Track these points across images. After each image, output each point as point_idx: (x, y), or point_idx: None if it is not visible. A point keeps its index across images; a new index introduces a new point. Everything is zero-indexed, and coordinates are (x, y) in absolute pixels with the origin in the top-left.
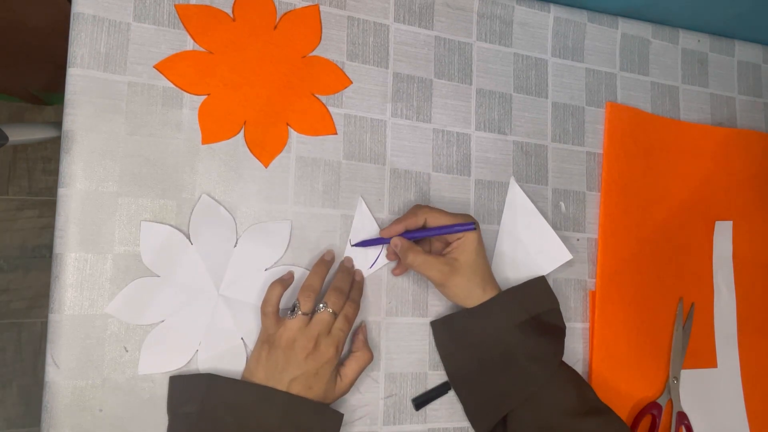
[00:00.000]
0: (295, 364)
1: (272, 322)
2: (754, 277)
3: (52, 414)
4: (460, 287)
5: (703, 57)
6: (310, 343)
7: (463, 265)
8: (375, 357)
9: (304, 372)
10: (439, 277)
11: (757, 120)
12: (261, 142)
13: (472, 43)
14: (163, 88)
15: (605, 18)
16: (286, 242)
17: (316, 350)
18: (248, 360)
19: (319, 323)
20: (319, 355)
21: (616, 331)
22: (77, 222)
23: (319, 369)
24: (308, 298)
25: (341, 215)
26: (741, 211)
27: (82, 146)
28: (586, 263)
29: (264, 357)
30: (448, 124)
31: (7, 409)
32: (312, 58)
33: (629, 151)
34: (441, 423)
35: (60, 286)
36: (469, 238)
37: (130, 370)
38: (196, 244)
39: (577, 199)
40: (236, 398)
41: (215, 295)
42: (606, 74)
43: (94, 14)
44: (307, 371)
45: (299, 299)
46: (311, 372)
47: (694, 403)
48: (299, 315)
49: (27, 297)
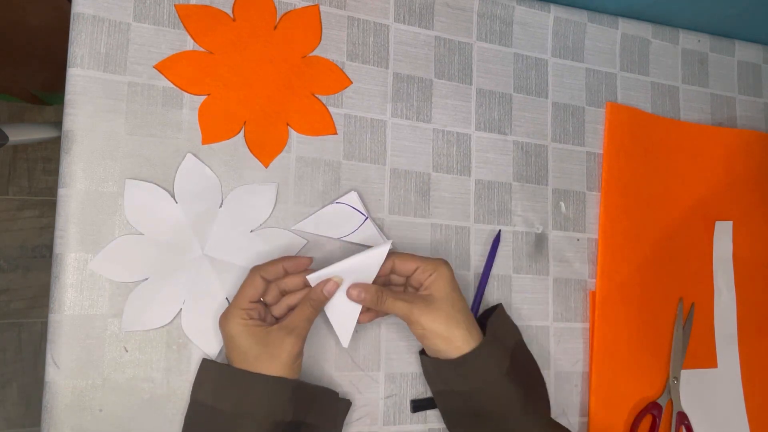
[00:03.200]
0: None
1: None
2: (754, 277)
3: (52, 414)
4: (438, 322)
5: (704, 57)
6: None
7: (438, 301)
8: (375, 357)
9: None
10: (415, 315)
11: (757, 120)
12: (261, 142)
13: (472, 43)
14: (163, 88)
15: (605, 18)
16: (272, 204)
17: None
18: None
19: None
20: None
21: (616, 331)
22: (77, 222)
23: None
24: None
25: None
26: (741, 212)
27: (82, 146)
28: (586, 263)
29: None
30: (448, 124)
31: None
32: (312, 58)
33: (629, 151)
34: (441, 423)
35: (60, 286)
36: (441, 273)
37: (130, 370)
38: (181, 203)
39: (577, 199)
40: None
41: (200, 255)
42: (606, 74)
43: (94, 14)
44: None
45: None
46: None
47: (694, 404)
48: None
49: (27, 297)
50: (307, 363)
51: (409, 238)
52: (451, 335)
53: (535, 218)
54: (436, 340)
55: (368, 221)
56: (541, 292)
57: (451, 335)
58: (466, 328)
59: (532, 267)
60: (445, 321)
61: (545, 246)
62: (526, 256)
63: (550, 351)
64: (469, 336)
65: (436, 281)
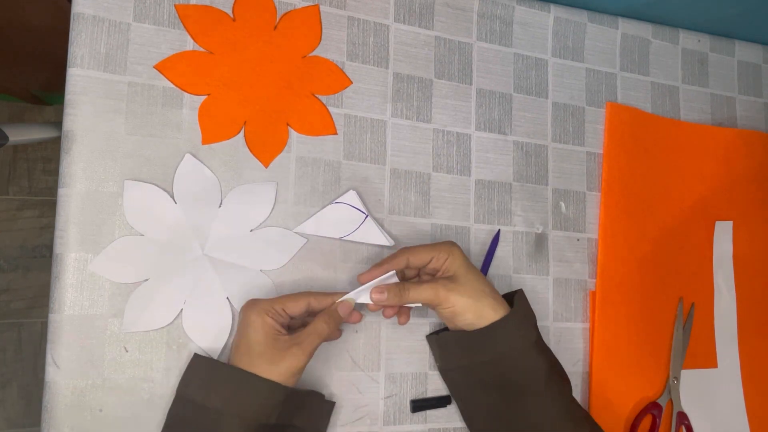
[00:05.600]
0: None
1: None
2: (754, 277)
3: (52, 414)
4: (467, 296)
5: (703, 57)
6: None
7: (461, 277)
8: (375, 357)
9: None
10: (442, 295)
11: (757, 120)
12: (261, 142)
13: (473, 43)
14: (163, 88)
15: (605, 18)
16: (271, 203)
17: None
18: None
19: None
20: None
21: (616, 331)
22: (77, 222)
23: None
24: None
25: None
26: (741, 211)
27: (82, 146)
28: (586, 263)
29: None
30: (448, 124)
31: (7, 409)
32: (312, 58)
33: (629, 151)
34: (441, 423)
35: (60, 286)
36: (454, 255)
37: (130, 370)
38: (181, 203)
39: (577, 199)
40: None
41: (200, 255)
42: (606, 74)
43: (94, 14)
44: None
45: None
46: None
47: (694, 403)
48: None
49: (27, 297)
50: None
51: (409, 238)
52: (480, 306)
53: (535, 218)
54: (467, 314)
55: (369, 219)
56: (541, 292)
57: (481, 305)
58: (493, 297)
59: (532, 267)
60: (472, 293)
61: (545, 246)
62: (526, 256)
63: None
64: (497, 304)
65: (452, 262)
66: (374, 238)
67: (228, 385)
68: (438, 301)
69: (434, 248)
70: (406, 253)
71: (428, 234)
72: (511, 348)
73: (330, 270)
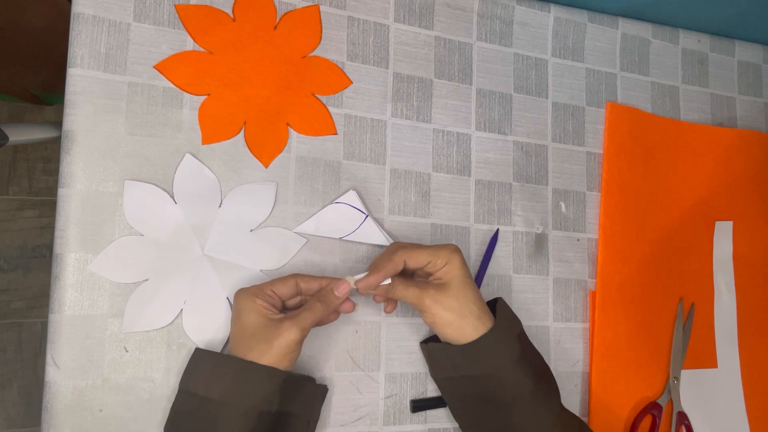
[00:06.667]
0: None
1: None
2: (754, 277)
3: (52, 414)
4: (449, 311)
5: (703, 57)
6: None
7: (452, 288)
8: (375, 357)
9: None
10: (426, 303)
11: (757, 120)
12: (261, 142)
13: (473, 43)
14: (163, 88)
15: (605, 18)
16: (271, 203)
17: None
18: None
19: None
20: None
21: (616, 331)
22: (77, 222)
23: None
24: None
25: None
26: (741, 212)
27: (82, 146)
28: (586, 263)
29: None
30: (448, 124)
31: (7, 409)
32: (312, 58)
33: (629, 151)
34: (441, 423)
35: (60, 286)
36: (452, 263)
37: (130, 370)
38: (180, 203)
39: (577, 199)
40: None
41: (200, 255)
42: (606, 74)
43: (94, 14)
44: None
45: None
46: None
47: (694, 404)
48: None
49: (27, 297)
50: (308, 363)
51: (409, 239)
52: (461, 324)
53: (535, 218)
54: (446, 328)
55: (369, 219)
56: (541, 292)
57: (462, 324)
58: (477, 317)
59: (532, 267)
60: (457, 309)
61: (545, 246)
62: (526, 256)
63: (550, 351)
64: (479, 324)
65: (448, 271)
66: (374, 238)
67: (227, 375)
68: (422, 308)
69: (433, 252)
70: (404, 255)
71: (428, 234)
72: (492, 366)
73: (330, 270)
